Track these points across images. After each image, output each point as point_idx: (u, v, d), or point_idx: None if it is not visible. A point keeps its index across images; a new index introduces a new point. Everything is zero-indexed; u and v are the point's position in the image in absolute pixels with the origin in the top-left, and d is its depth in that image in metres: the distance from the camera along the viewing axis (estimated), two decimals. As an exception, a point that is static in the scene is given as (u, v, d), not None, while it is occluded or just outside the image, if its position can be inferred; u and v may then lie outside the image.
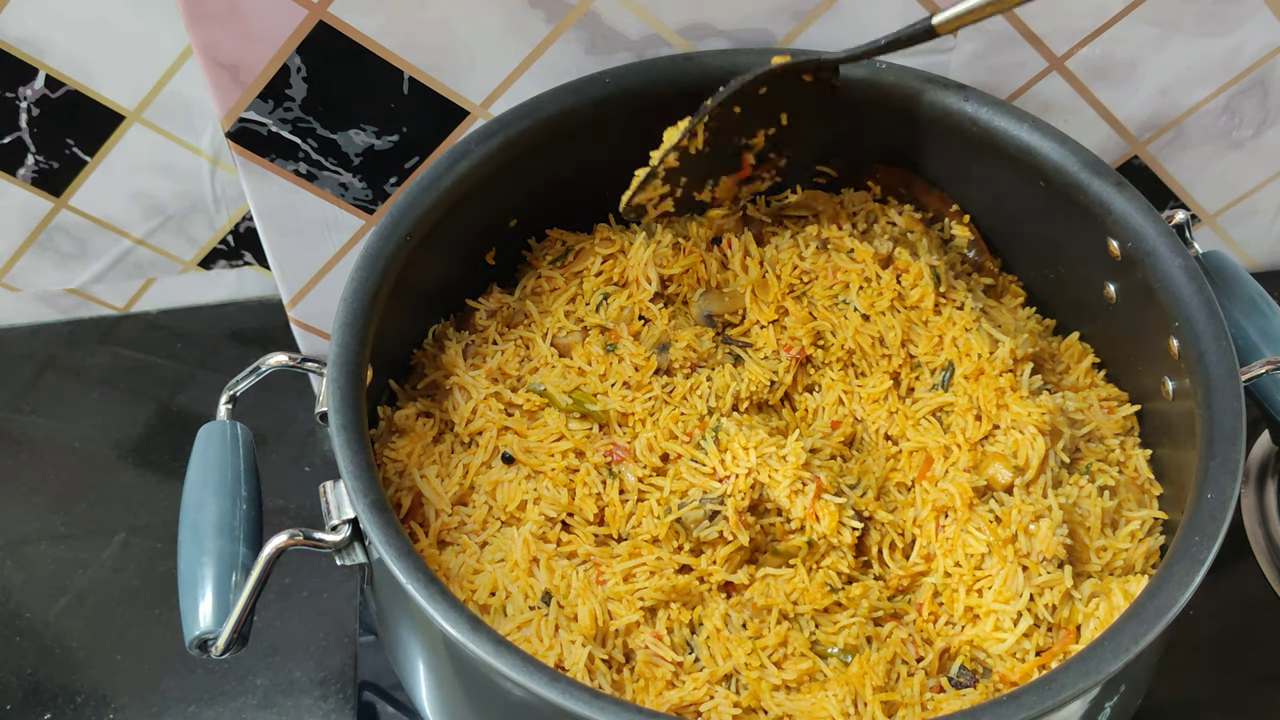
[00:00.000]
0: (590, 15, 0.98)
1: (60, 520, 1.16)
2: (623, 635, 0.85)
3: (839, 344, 0.98)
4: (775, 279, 1.00)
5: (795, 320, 0.98)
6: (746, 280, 1.00)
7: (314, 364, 0.89)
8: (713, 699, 0.82)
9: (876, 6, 1.01)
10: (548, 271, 1.03)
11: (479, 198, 0.95)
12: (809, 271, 1.00)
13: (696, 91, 0.94)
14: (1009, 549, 0.86)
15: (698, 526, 0.87)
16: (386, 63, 0.99)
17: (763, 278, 1.00)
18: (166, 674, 1.06)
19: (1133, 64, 1.09)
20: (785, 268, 1.00)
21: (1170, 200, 1.23)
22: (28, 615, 1.10)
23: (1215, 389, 0.83)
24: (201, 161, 1.18)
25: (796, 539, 0.87)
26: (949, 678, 0.86)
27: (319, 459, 1.19)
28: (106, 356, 1.28)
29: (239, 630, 0.79)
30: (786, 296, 0.99)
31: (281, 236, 1.10)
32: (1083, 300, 0.99)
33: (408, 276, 0.90)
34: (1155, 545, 0.90)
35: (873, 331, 0.98)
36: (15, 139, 1.14)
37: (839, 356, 0.98)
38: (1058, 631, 0.85)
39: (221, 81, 0.98)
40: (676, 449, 0.90)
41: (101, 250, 1.24)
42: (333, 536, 0.79)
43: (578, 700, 0.69)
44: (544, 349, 0.98)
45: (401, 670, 0.91)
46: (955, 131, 0.98)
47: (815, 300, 0.99)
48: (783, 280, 1.00)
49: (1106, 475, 0.92)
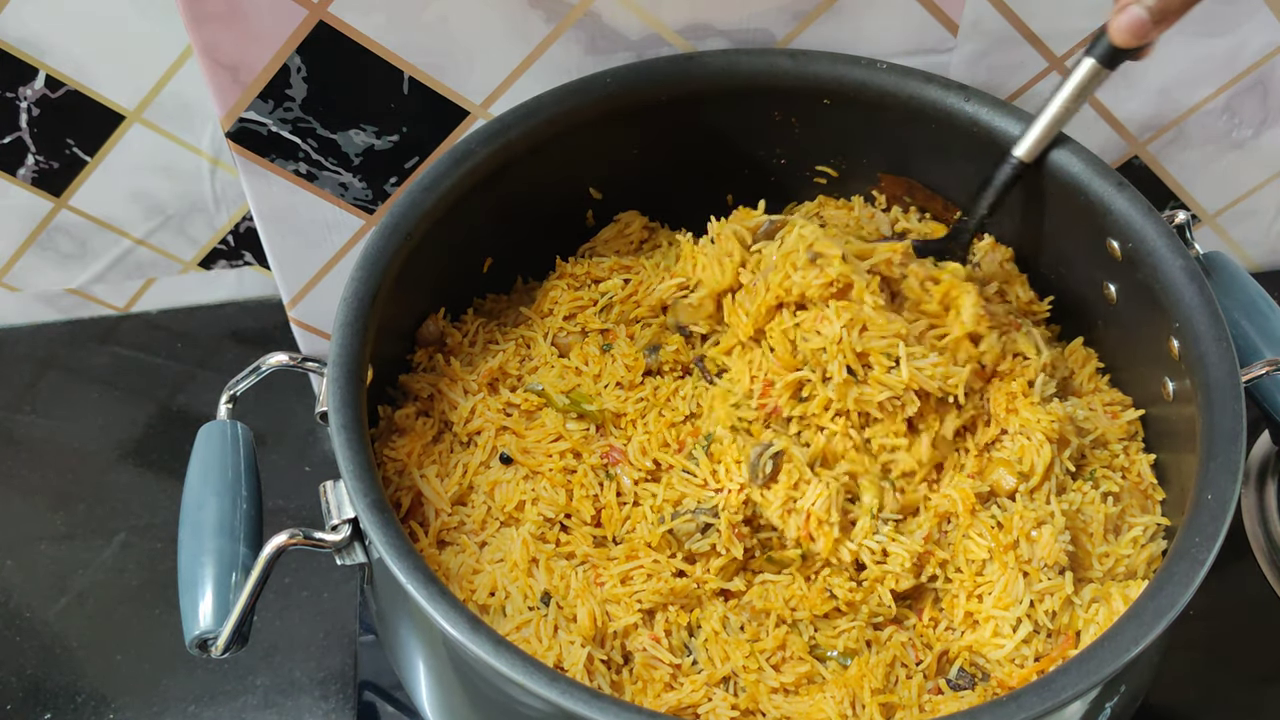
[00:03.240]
0: (590, 15, 0.98)
1: (60, 520, 1.16)
2: (621, 636, 0.85)
3: (820, 404, 0.88)
4: (764, 288, 0.91)
5: (778, 350, 0.90)
6: (710, 285, 0.94)
7: (314, 364, 0.89)
8: (711, 701, 0.82)
9: (877, 6, 1.01)
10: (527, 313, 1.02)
11: (479, 198, 0.95)
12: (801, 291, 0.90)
13: (696, 91, 0.94)
14: (1010, 555, 0.85)
15: (690, 539, 0.86)
16: (386, 63, 0.99)
17: (751, 284, 0.93)
18: (166, 674, 1.06)
19: (1133, 64, 1.09)
20: (776, 275, 0.91)
21: (1170, 200, 1.23)
22: (28, 615, 1.10)
23: (1215, 389, 0.83)
24: (201, 161, 1.18)
25: (791, 552, 0.87)
26: (948, 680, 0.86)
27: (319, 459, 1.19)
28: (106, 356, 1.28)
29: (239, 630, 0.78)
30: (775, 313, 0.91)
31: (281, 236, 1.10)
32: (1083, 301, 0.99)
33: (407, 276, 0.90)
34: (1157, 551, 0.90)
35: (886, 389, 0.88)
36: (15, 139, 1.14)
37: (829, 409, 0.88)
38: (1057, 637, 0.85)
39: (221, 81, 0.98)
40: (668, 459, 0.90)
41: (101, 250, 1.24)
42: (333, 536, 0.79)
43: (577, 700, 0.69)
44: (544, 348, 0.98)
45: (401, 670, 0.91)
46: (956, 132, 0.98)
47: (804, 335, 0.89)
48: (771, 291, 0.90)
49: (1110, 481, 0.91)
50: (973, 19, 1.03)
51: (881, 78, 0.98)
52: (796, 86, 0.99)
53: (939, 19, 1.03)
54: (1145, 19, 0.84)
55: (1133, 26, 0.85)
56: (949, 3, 1.02)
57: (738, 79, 0.99)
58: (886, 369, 0.88)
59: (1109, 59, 0.89)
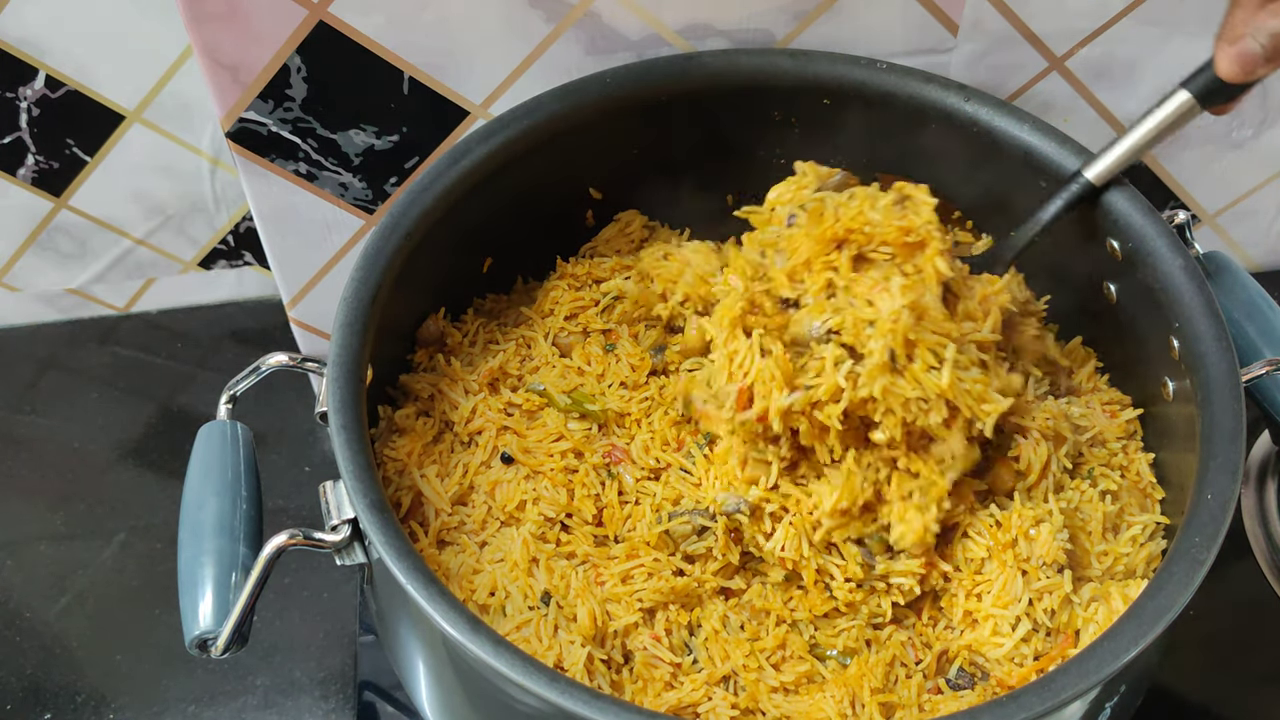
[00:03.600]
0: (590, 15, 0.98)
1: (60, 520, 1.16)
2: (621, 636, 0.85)
3: (828, 390, 0.81)
4: (832, 217, 0.83)
5: (763, 335, 0.82)
6: (665, 270, 0.91)
7: (314, 364, 0.89)
8: (711, 700, 0.83)
9: (877, 6, 1.01)
10: (527, 313, 1.02)
11: (479, 198, 0.95)
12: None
13: (696, 91, 0.94)
14: (1009, 553, 0.85)
15: (685, 541, 0.86)
16: (386, 63, 0.99)
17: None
18: (166, 674, 1.06)
19: (1133, 64, 1.09)
20: (849, 209, 0.83)
21: (1170, 200, 1.23)
22: (28, 615, 1.10)
23: (1215, 389, 0.83)
24: (201, 161, 1.18)
25: (775, 572, 0.87)
26: (947, 679, 0.86)
27: (319, 459, 1.19)
28: (106, 356, 1.28)
29: (239, 630, 0.78)
30: (829, 249, 0.83)
31: (281, 236, 1.10)
32: (1083, 301, 0.99)
33: (407, 276, 0.90)
34: (1156, 550, 0.90)
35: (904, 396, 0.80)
36: (15, 139, 1.14)
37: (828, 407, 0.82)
38: (1056, 636, 0.85)
39: (221, 81, 0.98)
40: (667, 457, 0.90)
41: (101, 250, 1.24)
42: (333, 536, 0.79)
43: (577, 700, 0.69)
44: (545, 348, 0.98)
45: (401, 670, 0.91)
46: (956, 132, 0.98)
47: (852, 298, 0.82)
48: (840, 222, 0.82)
49: (1109, 480, 0.91)
50: (973, 19, 1.03)
51: (881, 78, 0.98)
52: (796, 86, 0.99)
53: (939, 19, 1.03)
54: (1257, 54, 0.79)
55: (1243, 60, 0.79)
56: (949, 3, 1.02)
57: (738, 79, 0.99)
58: (927, 367, 0.80)
59: (1207, 95, 0.84)
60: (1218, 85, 0.83)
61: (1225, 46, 0.80)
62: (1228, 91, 0.83)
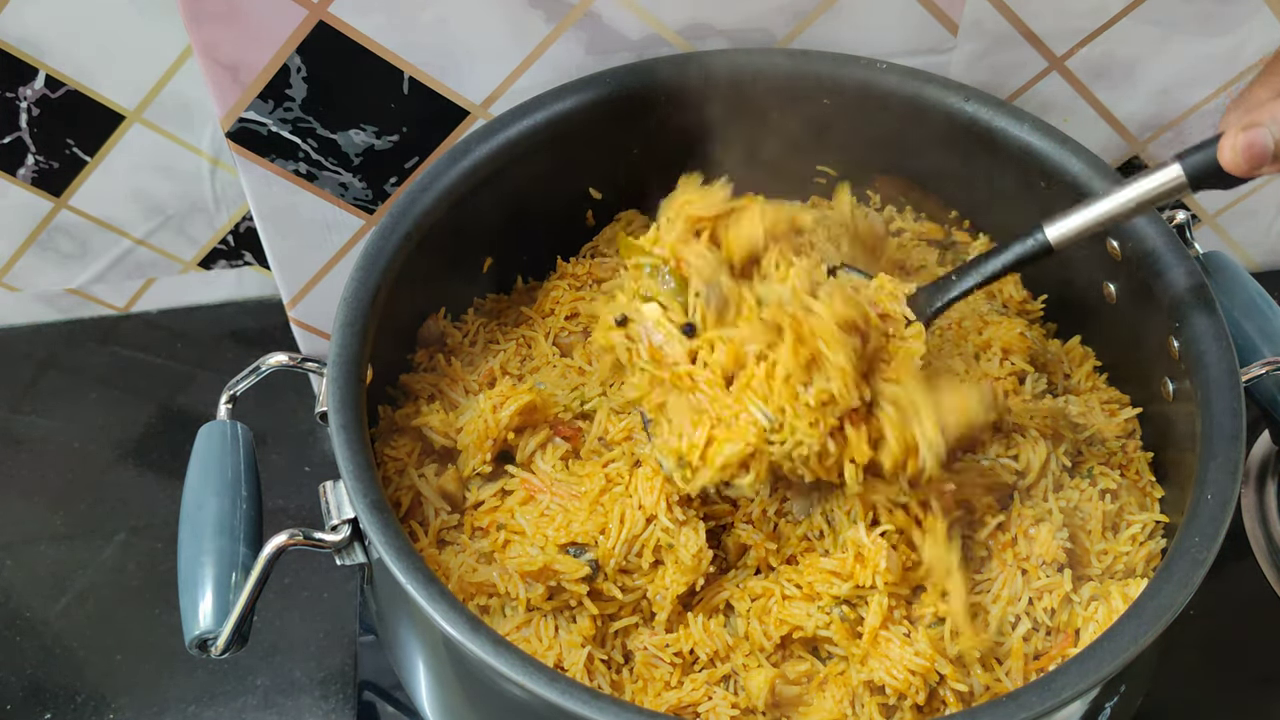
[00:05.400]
0: (590, 15, 0.98)
1: (60, 520, 1.16)
2: (622, 636, 0.85)
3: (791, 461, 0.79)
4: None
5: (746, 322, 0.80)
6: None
7: (314, 364, 0.90)
8: (711, 700, 0.82)
9: (877, 6, 1.01)
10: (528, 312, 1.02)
11: (479, 198, 0.95)
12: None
13: (696, 91, 0.94)
14: (1008, 552, 0.85)
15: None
16: (386, 63, 0.99)
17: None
18: (166, 674, 1.06)
19: (1133, 64, 1.09)
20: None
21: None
22: (28, 615, 1.10)
23: (1215, 389, 0.83)
24: (201, 161, 1.18)
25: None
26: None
27: (319, 459, 1.19)
28: (106, 356, 1.28)
29: (239, 630, 0.79)
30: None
31: (281, 237, 1.10)
32: (1083, 300, 0.99)
33: (407, 276, 0.90)
34: (1156, 549, 0.90)
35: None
36: (15, 139, 1.14)
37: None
38: (1056, 635, 0.85)
39: (221, 81, 0.98)
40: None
41: (101, 250, 1.24)
42: (333, 536, 0.80)
43: (577, 700, 0.69)
44: (545, 348, 0.98)
45: (401, 670, 0.91)
46: (956, 132, 0.98)
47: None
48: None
49: (1108, 479, 0.91)
50: (973, 19, 1.03)
51: (881, 78, 0.98)
52: (796, 86, 0.99)
53: (939, 19, 1.03)
54: (1268, 149, 0.69)
55: (1250, 152, 0.69)
56: (949, 3, 1.02)
57: (738, 79, 0.99)
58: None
59: (1200, 177, 0.74)
60: (1216, 171, 0.73)
61: (1236, 132, 0.70)
62: (1226, 181, 0.74)
